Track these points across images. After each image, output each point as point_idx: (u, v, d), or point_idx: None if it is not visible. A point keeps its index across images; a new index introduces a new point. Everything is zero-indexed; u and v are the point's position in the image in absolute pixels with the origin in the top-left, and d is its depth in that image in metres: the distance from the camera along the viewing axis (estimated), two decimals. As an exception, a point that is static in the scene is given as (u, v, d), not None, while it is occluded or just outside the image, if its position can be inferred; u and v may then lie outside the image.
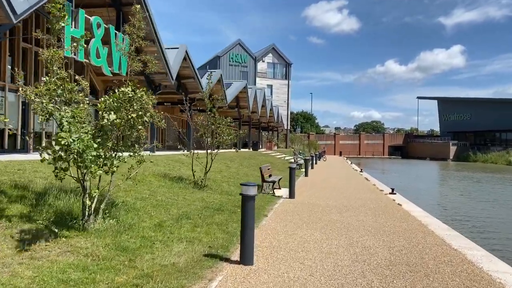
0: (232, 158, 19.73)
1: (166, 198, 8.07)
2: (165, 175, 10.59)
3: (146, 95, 5.80)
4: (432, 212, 12.37)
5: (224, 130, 10.55)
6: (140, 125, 5.71)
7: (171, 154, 16.60)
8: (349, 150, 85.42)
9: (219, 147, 10.85)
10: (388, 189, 14.82)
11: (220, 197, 9.55)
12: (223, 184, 12.01)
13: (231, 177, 13.93)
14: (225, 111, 32.93)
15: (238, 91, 28.92)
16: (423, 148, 78.85)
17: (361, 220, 8.14)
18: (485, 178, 30.91)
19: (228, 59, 59.74)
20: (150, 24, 14.83)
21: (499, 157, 58.84)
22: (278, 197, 11.18)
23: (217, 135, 10.51)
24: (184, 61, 18.77)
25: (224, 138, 10.59)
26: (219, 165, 15.90)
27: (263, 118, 42.37)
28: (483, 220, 12.64)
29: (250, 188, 4.82)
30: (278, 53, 63.82)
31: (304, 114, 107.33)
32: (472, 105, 73.62)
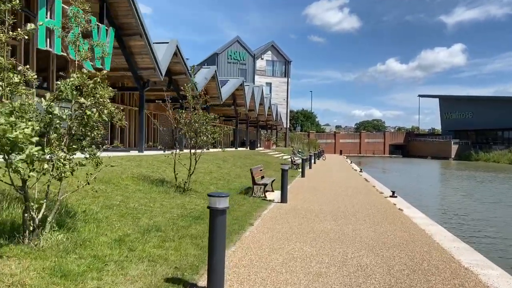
0: (225, 158, 18.89)
1: (140, 204, 7.22)
2: (146, 177, 9.75)
3: (102, 87, 4.92)
4: (436, 217, 11.54)
5: (208, 129, 9.68)
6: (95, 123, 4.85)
7: (161, 154, 15.76)
8: (350, 149, 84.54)
9: (203, 147, 9.97)
10: (389, 191, 13.96)
11: (203, 202, 8.70)
12: (211, 187, 11.16)
13: (221, 179, 13.08)
14: (222, 109, 32.10)
15: (234, 88, 28.06)
16: (424, 147, 77.97)
17: (358, 229, 7.30)
18: (488, 177, 30.05)
19: (226, 56, 58.83)
20: (135, 16, 13.96)
21: (502, 156, 57.96)
22: (269, 201, 10.34)
23: (200, 134, 9.64)
24: (174, 56, 17.91)
25: (208, 137, 9.72)
26: (209, 165, 15.07)
27: (261, 116, 41.50)
28: (491, 225, 11.78)
29: (220, 200, 3.97)
30: (278, 51, 62.89)
31: (304, 112, 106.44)
32: (474, 103, 72.67)
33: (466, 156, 65.14)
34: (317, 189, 13.74)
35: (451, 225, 11.31)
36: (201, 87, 21.08)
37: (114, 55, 15.41)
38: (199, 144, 9.75)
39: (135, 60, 15.71)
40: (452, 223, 11.78)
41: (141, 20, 14.27)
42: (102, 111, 4.83)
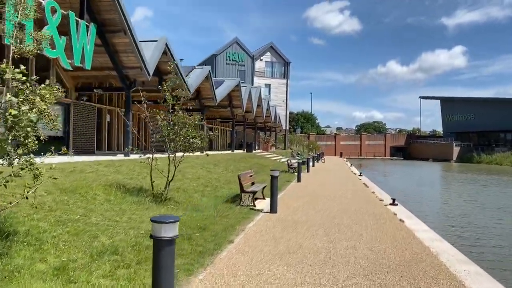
0: (217, 162, 18.00)
1: (104, 219, 6.34)
2: (121, 185, 8.86)
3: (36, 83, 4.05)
4: (440, 228, 10.63)
5: (188, 132, 8.79)
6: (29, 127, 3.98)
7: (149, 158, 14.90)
8: (350, 151, 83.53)
9: (185, 152, 9.07)
10: (389, 198, 13.05)
11: (182, 214, 7.81)
12: (195, 195, 10.27)
13: (209, 185, 12.19)
14: (218, 111, 31.23)
15: (230, 89, 27.19)
16: (425, 149, 76.97)
17: (353, 246, 6.40)
18: (492, 180, 29.12)
19: (225, 57, 58.03)
20: (119, 11, 13.12)
21: (504, 158, 56.97)
22: (258, 211, 9.44)
23: (180, 138, 8.74)
24: (164, 55, 17.04)
25: (191, 141, 8.83)
26: (198, 170, 14.18)
27: (259, 118, 40.62)
28: (503, 238, 10.86)
29: (166, 227, 3.08)
30: (277, 52, 62.09)
31: (305, 114, 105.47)
32: (476, 105, 71.72)
33: (468, 159, 64.14)
34: (312, 196, 12.84)
35: (457, 238, 10.40)
36: (194, 87, 20.25)
37: (98, 53, 14.54)
38: (178, 148, 8.86)
39: (120, 59, 14.86)
40: (458, 235, 10.86)
41: (125, 15, 13.41)
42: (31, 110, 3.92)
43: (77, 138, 16.15)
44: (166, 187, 8.72)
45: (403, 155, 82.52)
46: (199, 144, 8.93)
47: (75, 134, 16.03)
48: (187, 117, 8.86)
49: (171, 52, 17.34)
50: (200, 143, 8.92)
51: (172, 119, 8.74)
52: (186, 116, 8.85)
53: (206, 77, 22.15)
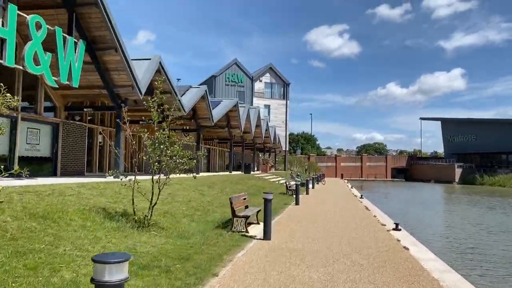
0: (212, 183, 17.31)
1: (73, 249, 5.65)
2: (102, 209, 8.19)
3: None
4: (450, 257, 9.90)
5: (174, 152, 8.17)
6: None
7: (141, 179, 14.28)
8: (351, 173, 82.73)
9: (170, 173, 8.42)
10: (391, 222, 12.33)
11: (165, 242, 7.12)
12: (183, 220, 9.57)
13: (200, 209, 11.49)
14: (216, 131, 30.71)
15: (227, 109, 26.71)
16: (427, 171, 76.15)
17: (353, 280, 5.68)
18: (497, 203, 28.25)
19: (224, 79, 58.04)
20: (109, 28, 12.72)
21: (507, 180, 56.09)
22: (250, 237, 8.72)
23: (166, 158, 8.12)
24: (158, 73, 16.60)
25: (177, 162, 8.21)
26: (190, 192, 13.51)
27: (258, 139, 40.06)
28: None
29: (112, 268, 2.42)
30: (276, 73, 62.16)
31: (305, 135, 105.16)
32: (477, 126, 71.34)
33: (470, 180, 63.24)
34: (310, 220, 12.11)
35: (468, 268, 9.63)
36: (189, 106, 19.77)
37: (88, 71, 14.15)
38: (164, 169, 8.22)
39: (111, 77, 14.40)
40: (468, 265, 10.10)
41: (116, 32, 13.02)
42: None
43: (66, 159, 15.54)
44: (150, 211, 8.03)
45: (404, 177, 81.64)
46: (187, 165, 8.28)
47: (64, 154, 15.43)
48: (174, 134, 8.24)
49: (165, 71, 16.93)
50: (187, 163, 8.26)
51: (158, 137, 8.11)
52: (173, 134, 8.23)
53: (202, 96, 21.70)
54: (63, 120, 15.45)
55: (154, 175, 8.19)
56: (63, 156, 15.37)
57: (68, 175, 15.37)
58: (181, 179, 15.46)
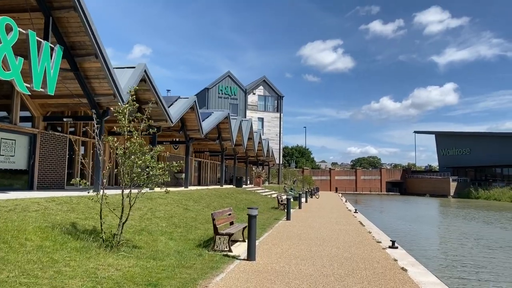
0: (200, 197, 16.49)
1: (19, 274, 4.83)
2: (67, 227, 7.37)
3: None
4: (451, 280, 9.14)
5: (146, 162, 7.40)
6: None
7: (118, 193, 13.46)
8: (345, 186, 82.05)
9: (143, 186, 7.63)
10: (387, 239, 11.57)
11: (134, 264, 6.30)
12: (161, 238, 8.75)
13: (182, 225, 10.67)
14: (207, 143, 29.99)
15: (218, 121, 26.00)
16: (422, 184, 75.64)
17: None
18: (494, 218, 27.58)
19: (217, 91, 57.59)
20: (89, 34, 12.04)
21: (503, 194, 55.63)
22: (233, 258, 7.91)
23: (137, 169, 7.34)
24: (143, 82, 15.95)
25: (150, 174, 7.44)
26: (174, 207, 12.68)
27: (251, 152, 39.35)
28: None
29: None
30: (270, 86, 61.85)
31: (299, 148, 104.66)
32: (471, 140, 71.26)
33: (465, 194, 62.77)
34: (301, 237, 11.31)
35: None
36: (177, 117, 19.04)
37: (68, 79, 13.46)
38: (135, 182, 7.43)
39: (91, 85, 13.68)
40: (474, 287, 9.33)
41: (96, 38, 12.35)
42: None
43: (44, 172, 14.69)
44: (119, 229, 7.22)
45: (399, 190, 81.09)
46: (161, 178, 7.51)
47: (42, 167, 14.58)
48: (142, 145, 7.48)
49: (151, 80, 16.25)
50: (162, 176, 7.49)
51: (129, 147, 7.36)
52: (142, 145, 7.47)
53: (191, 107, 21.00)
54: (41, 131, 14.64)
55: (124, 189, 7.38)
56: (40, 168, 14.52)
57: (45, 189, 14.50)
58: (164, 194, 14.66)
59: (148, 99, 17.45)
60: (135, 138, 7.38)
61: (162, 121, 18.23)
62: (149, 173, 7.35)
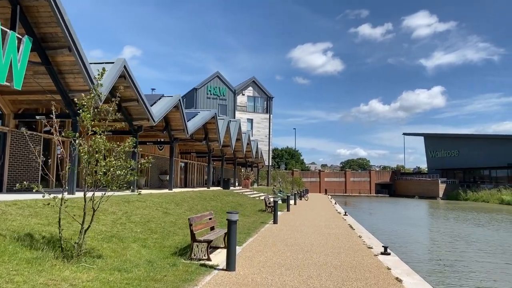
0: (182, 200, 15.69)
1: None
2: (24, 234, 6.55)
3: None
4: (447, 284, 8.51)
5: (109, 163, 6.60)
6: None
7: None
8: (335, 188, 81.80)
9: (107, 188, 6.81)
10: (379, 244, 10.94)
11: (95, 277, 5.52)
12: (133, 246, 7.96)
13: (158, 231, 9.88)
14: (193, 144, 29.17)
15: (204, 121, 25.20)
16: (411, 186, 75.67)
17: (334, 334, 4.20)
18: (485, 219, 27.24)
19: (205, 91, 56.75)
20: (61, 24, 11.20)
21: (491, 196, 55.71)
22: (211, 267, 7.16)
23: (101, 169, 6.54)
24: (122, 79, 15.11)
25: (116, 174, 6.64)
26: (152, 210, 11.88)
27: (239, 153, 38.59)
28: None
29: None
30: (259, 86, 61.20)
31: (289, 150, 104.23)
32: (459, 142, 71.55)
33: (454, 196, 62.82)
34: (288, 243, 10.61)
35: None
36: (159, 116, 18.21)
37: (40, 73, 12.61)
38: (100, 183, 6.63)
39: (65, 80, 12.82)
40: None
41: (69, 29, 11.51)
42: None
43: (14, 173, 13.77)
44: (81, 236, 6.41)
45: (388, 192, 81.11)
46: (129, 177, 6.73)
47: (12, 168, 13.66)
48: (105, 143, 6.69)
49: (131, 76, 15.42)
50: (127, 176, 6.70)
51: (92, 144, 6.58)
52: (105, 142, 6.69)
53: (175, 106, 20.19)
54: (12, 129, 13.73)
55: (87, 192, 6.56)
56: (10, 169, 13.60)
57: (16, 191, 13.57)
58: (144, 196, 13.85)
59: (129, 96, 16.67)
60: (101, 135, 6.59)
61: (143, 120, 17.41)
62: (114, 172, 6.55)
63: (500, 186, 57.75)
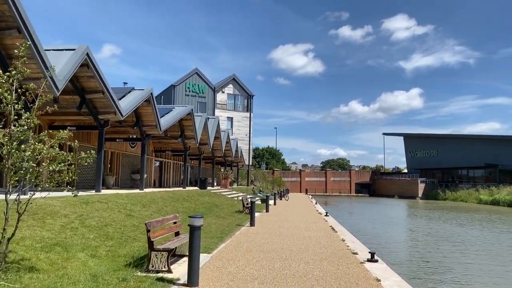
0: (152, 201, 14.42)
1: None
2: None
3: None
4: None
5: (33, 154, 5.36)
6: None
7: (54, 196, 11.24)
8: (315, 188, 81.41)
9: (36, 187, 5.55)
10: (364, 249, 9.99)
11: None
12: (79, 255, 6.71)
13: (116, 237, 8.64)
14: (168, 142, 27.76)
15: (179, 117, 23.89)
16: (390, 186, 75.92)
17: None
18: (466, 219, 26.87)
19: (184, 88, 55.14)
20: (8, 2, 9.84)
21: (469, 195, 56.15)
22: (169, 282, 6.00)
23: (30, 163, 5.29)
24: (85, 68, 13.75)
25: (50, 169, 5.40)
26: (113, 213, 10.61)
27: (218, 152, 37.38)
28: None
29: None
30: (239, 84, 59.98)
31: (270, 149, 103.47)
32: (438, 142, 72.24)
33: (433, 195, 63.18)
34: (264, 249, 9.53)
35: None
36: (128, 110, 16.86)
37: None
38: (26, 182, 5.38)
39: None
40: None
41: (17, 7, 10.14)
42: None
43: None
44: (2, 246, 5.14)
45: (368, 192, 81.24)
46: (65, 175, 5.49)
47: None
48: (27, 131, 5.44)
49: (95, 65, 14.05)
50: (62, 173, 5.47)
51: (16, 131, 5.32)
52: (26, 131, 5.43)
53: (146, 100, 18.84)
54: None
55: (9, 192, 5.28)
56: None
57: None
58: (108, 197, 12.54)
59: (94, 87, 15.25)
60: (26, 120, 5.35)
61: (110, 113, 16.04)
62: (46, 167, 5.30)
63: (478, 186, 58.33)
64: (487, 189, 55.07)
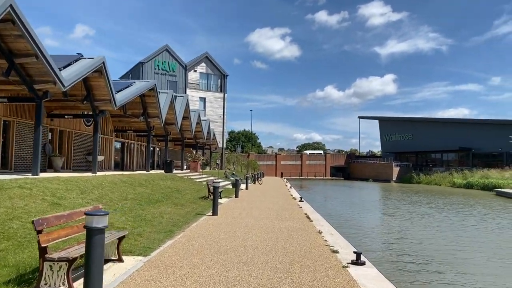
0: (95, 186, 12.14)
1: None
2: None
3: None
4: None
5: None
6: None
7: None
8: (291, 171, 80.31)
9: None
10: (347, 246, 8.17)
11: None
12: None
13: (16, 236, 6.42)
14: (129, 120, 25.21)
15: (139, 93, 21.40)
16: (365, 169, 75.60)
17: None
18: (443, 203, 25.82)
19: (153, 66, 52.01)
20: None
21: (443, 179, 56.05)
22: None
23: None
24: (9, 24, 11.17)
25: None
26: (35, 201, 8.36)
27: (187, 133, 34.99)
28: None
29: None
30: (213, 63, 57.20)
31: (246, 133, 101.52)
32: (413, 126, 71.98)
33: (407, 179, 63.01)
34: (221, 248, 7.55)
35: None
36: (72, 81, 14.34)
37: None
38: None
39: None
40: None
41: None
42: None
43: None
44: None
45: (343, 175, 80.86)
46: None
47: None
48: None
49: (23, 22, 11.43)
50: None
51: None
52: None
53: (97, 70, 16.29)
54: None
55: None
56: None
57: None
58: (40, 181, 10.22)
59: (24, 50, 12.60)
60: None
61: (48, 83, 13.52)
62: None
63: (452, 169, 58.32)
64: (460, 172, 55.06)
